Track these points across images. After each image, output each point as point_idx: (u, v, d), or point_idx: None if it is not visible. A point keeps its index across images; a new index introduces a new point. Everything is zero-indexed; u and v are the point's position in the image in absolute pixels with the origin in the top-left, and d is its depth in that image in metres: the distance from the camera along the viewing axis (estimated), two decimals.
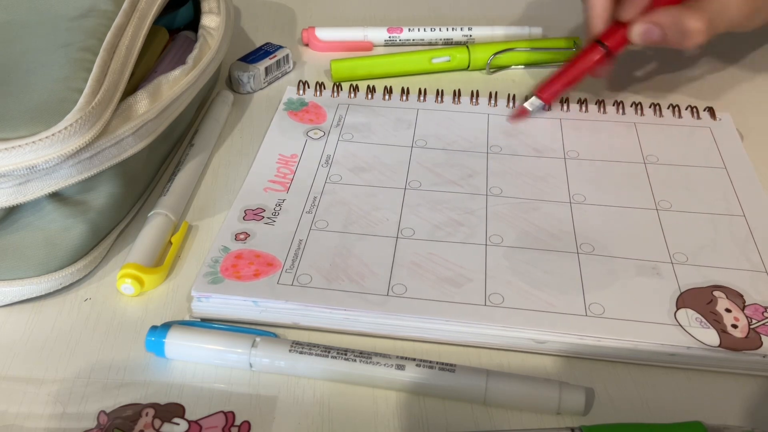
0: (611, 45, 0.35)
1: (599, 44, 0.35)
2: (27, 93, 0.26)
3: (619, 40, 0.35)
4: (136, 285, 0.27)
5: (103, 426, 0.23)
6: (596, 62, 0.35)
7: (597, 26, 0.36)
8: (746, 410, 0.23)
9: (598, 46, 0.35)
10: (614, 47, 0.35)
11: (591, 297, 0.26)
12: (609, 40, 0.35)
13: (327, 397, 0.24)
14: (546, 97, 0.36)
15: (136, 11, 0.31)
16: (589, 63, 0.35)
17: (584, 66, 0.35)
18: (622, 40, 0.35)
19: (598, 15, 0.35)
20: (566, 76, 0.36)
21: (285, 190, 0.32)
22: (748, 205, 0.31)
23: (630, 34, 0.34)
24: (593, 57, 0.35)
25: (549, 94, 0.36)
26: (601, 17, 0.35)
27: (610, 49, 0.35)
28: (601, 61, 0.35)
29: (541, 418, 0.23)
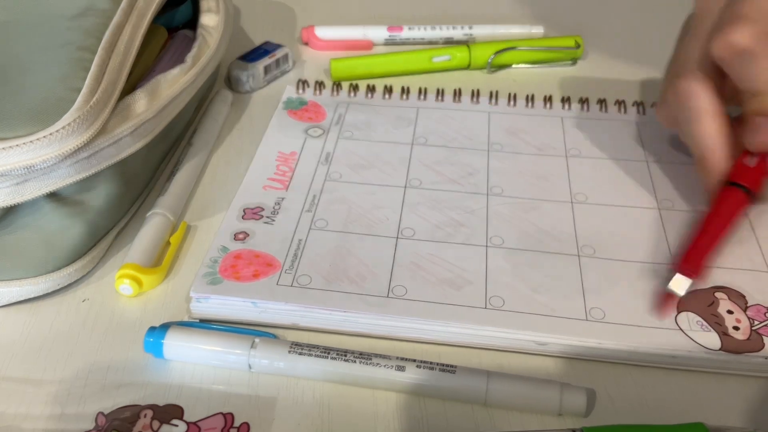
0: (751, 185, 0.27)
1: (736, 186, 0.27)
2: (25, 92, 0.26)
3: (759, 175, 0.28)
4: (135, 285, 0.27)
5: (101, 427, 0.23)
6: (740, 209, 0.27)
7: (720, 165, 0.28)
8: (748, 411, 0.23)
9: (736, 190, 0.27)
10: (755, 186, 0.27)
11: (591, 301, 0.26)
12: (746, 180, 0.27)
13: (327, 398, 0.24)
14: (695, 272, 0.26)
15: (135, 10, 0.31)
16: (731, 213, 0.27)
17: (727, 219, 0.27)
18: (762, 174, 0.28)
19: (718, 150, 0.28)
20: (711, 237, 0.27)
21: (284, 188, 0.32)
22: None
23: None
24: (734, 205, 0.27)
25: (698, 267, 0.26)
26: (724, 153, 0.28)
27: (751, 189, 0.27)
28: (743, 206, 0.28)
29: (543, 420, 0.23)
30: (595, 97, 0.38)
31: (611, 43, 0.44)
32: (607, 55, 0.43)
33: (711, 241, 0.27)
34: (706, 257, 0.27)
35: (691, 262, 0.26)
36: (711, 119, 0.28)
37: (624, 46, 0.44)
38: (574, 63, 0.42)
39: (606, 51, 0.43)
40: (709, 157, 0.28)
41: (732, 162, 0.28)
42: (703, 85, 0.28)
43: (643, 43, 0.44)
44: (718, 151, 0.28)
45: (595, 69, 0.42)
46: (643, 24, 0.46)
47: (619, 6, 0.49)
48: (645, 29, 0.46)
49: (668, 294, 0.26)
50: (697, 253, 0.27)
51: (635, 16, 0.48)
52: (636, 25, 0.46)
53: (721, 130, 0.28)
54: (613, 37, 0.45)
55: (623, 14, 0.48)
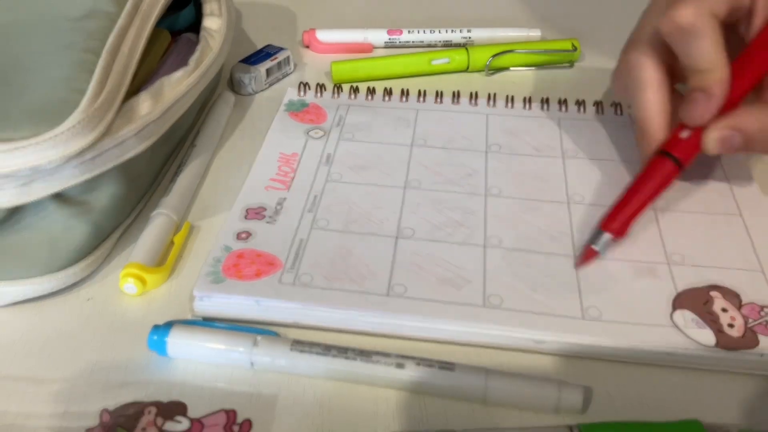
0: (681, 156, 0.28)
1: (666, 156, 0.29)
2: (30, 94, 0.26)
3: (690, 149, 0.28)
4: (139, 284, 0.27)
5: (105, 424, 0.23)
6: (668, 178, 0.29)
7: (657, 134, 0.29)
8: (744, 409, 0.24)
9: (666, 159, 0.28)
10: (685, 158, 0.28)
11: (588, 300, 0.26)
12: (677, 151, 0.28)
13: (327, 395, 0.24)
14: (617, 230, 0.28)
15: (139, 13, 0.31)
16: (660, 181, 0.29)
17: (655, 185, 0.29)
18: (693, 148, 0.28)
19: (656, 120, 0.29)
20: (635, 201, 0.28)
21: (286, 189, 0.32)
22: (744, 204, 0.31)
23: (704, 143, 0.28)
24: (663, 173, 0.29)
25: (619, 226, 0.28)
26: (661, 123, 0.29)
27: (682, 161, 0.28)
28: (672, 176, 0.29)
29: (540, 417, 0.23)
30: (591, 99, 0.38)
31: (608, 46, 0.44)
32: (604, 57, 0.43)
33: (636, 204, 0.28)
34: (630, 220, 0.28)
35: (614, 224, 0.28)
36: (653, 90, 0.29)
37: (620, 48, 0.44)
38: (571, 65, 0.43)
39: (602, 54, 0.44)
40: (647, 125, 0.29)
41: (668, 133, 0.29)
42: (650, 58, 0.30)
43: None
44: (656, 120, 0.29)
45: (592, 71, 0.42)
46: None
47: (615, 9, 0.49)
48: None
49: (590, 250, 0.28)
50: (621, 215, 0.28)
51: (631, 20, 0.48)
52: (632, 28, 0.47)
53: (662, 102, 0.29)
54: (610, 40, 0.45)
55: (619, 17, 0.48)
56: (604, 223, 0.28)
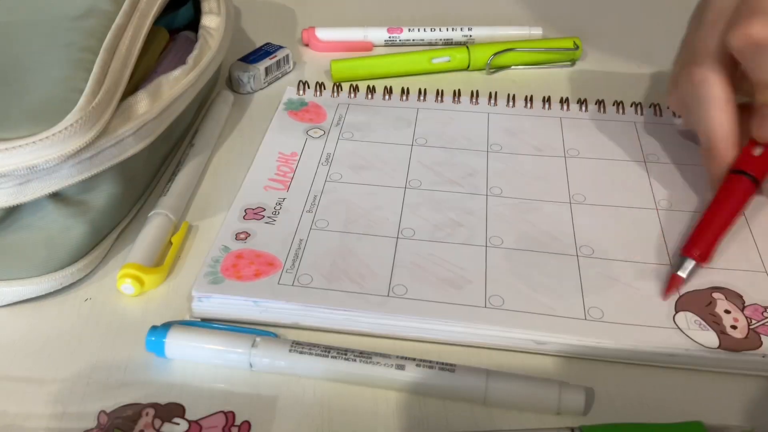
0: (757, 173, 0.28)
1: (743, 175, 0.28)
2: (27, 93, 0.26)
3: (766, 165, 0.28)
4: (137, 285, 0.27)
5: (103, 426, 0.23)
6: (745, 197, 0.28)
7: (728, 153, 0.28)
8: (746, 410, 0.24)
9: (742, 178, 0.28)
10: (761, 175, 0.28)
11: (590, 301, 0.26)
12: (752, 168, 0.28)
13: (327, 397, 0.24)
14: (701, 256, 0.27)
15: (137, 11, 0.31)
16: (739, 201, 0.28)
17: (734, 205, 0.28)
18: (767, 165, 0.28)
19: (727, 138, 0.28)
20: (716, 224, 0.28)
21: (285, 189, 0.32)
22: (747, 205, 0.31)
23: None
24: (741, 193, 0.28)
25: (704, 252, 0.27)
26: (732, 141, 0.28)
27: (757, 177, 0.28)
28: (749, 194, 0.28)
29: (541, 418, 0.23)
30: (593, 98, 0.38)
31: (609, 44, 0.44)
32: (606, 56, 0.43)
33: (717, 227, 0.28)
34: (713, 243, 0.27)
35: (697, 247, 0.27)
36: (722, 108, 0.28)
37: (622, 47, 0.44)
38: (572, 64, 0.43)
39: (604, 52, 0.44)
40: (718, 145, 0.29)
41: (738, 150, 0.29)
42: (718, 74, 0.29)
43: (642, 44, 0.44)
44: (727, 139, 0.28)
45: (594, 70, 0.42)
46: (642, 25, 0.47)
47: (617, 7, 0.49)
48: (643, 30, 0.46)
49: (675, 276, 0.27)
50: (703, 238, 0.27)
51: (633, 18, 0.48)
52: (634, 27, 0.47)
53: (732, 121, 0.28)
54: (612, 38, 0.45)
55: (621, 15, 0.48)
56: (686, 248, 0.27)
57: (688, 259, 0.27)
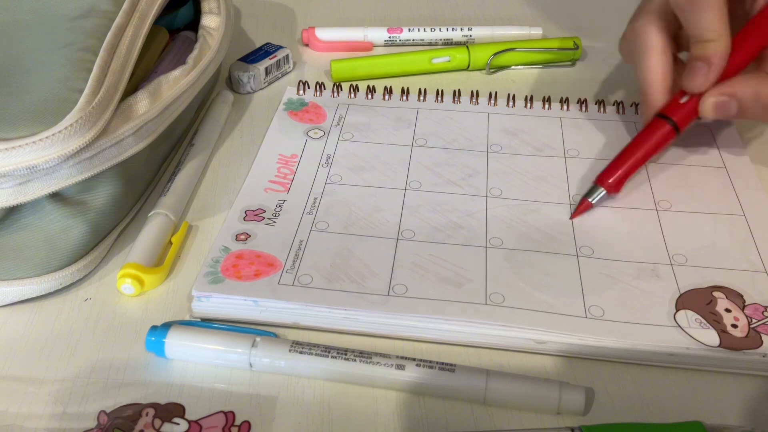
0: (678, 120, 0.30)
1: (664, 119, 0.31)
2: (27, 93, 0.26)
3: (687, 114, 0.30)
4: (137, 285, 0.27)
5: (103, 426, 0.23)
6: (663, 140, 0.31)
7: (657, 98, 0.31)
8: (746, 410, 0.23)
9: (664, 122, 0.30)
10: (682, 123, 0.30)
11: (591, 299, 0.26)
12: (675, 115, 0.30)
13: (327, 397, 0.24)
14: (611, 186, 0.30)
15: (136, 11, 0.31)
16: (656, 142, 0.31)
17: (651, 146, 0.30)
18: (690, 113, 0.30)
19: (657, 85, 0.31)
20: (631, 159, 0.30)
21: (285, 191, 0.32)
22: (747, 204, 0.31)
23: (701, 108, 0.30)
24: (660, 135, 0.30)
25: (614, 182, 0.30)
26: (662, 88, 0.31)
27: (677, 124, 0.30)
28: (668, 139, 0.31)
29: (541, 418, 0.23)
30: (593, 98, 0.38)
31: (610, 45, 0.44)
32: (606, 56, 0.43)
33: (632, 162, 0.30)
34: (625, 176, 0.30)
35: (609, 180, 0.30)
36: (657, 56, 0.31)
37: None
38: (572, 64, 0.43)
39: (604, 52, 0.44)
40: (649, 90, 0.31)
41: (669, 98, 0.31)
42: (656, 25, 0.31)
43: None
44: (657, 85, 0.31)
45: (594, 70, 0.42)
46: None
47: (617, 7, 0.49)
48: None
49: (584, 201, 0.30)
50: (616, 171, 0.30)
51: None
52: None
53: (664, 68, 0.31)
54: (612, 39, 0.45)
55: (622, 15, 0.48)
56: (599, 178, 0.30)
57: (600, 187, 0.30)
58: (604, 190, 0.30)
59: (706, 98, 0.30)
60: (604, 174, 0.30)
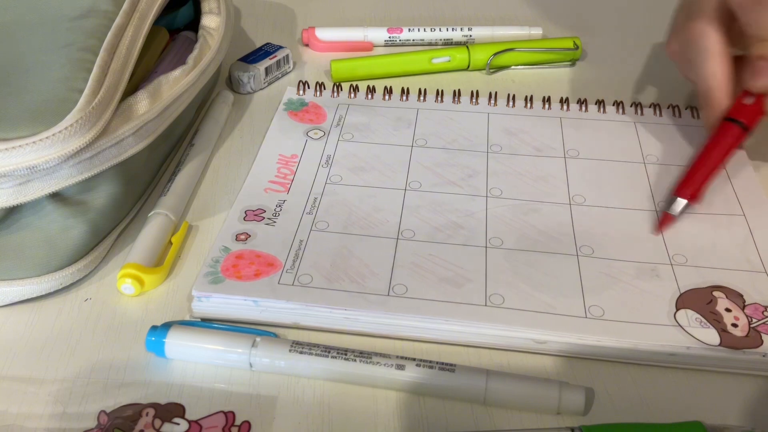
0: (747, 121, 0.31)
1: (733, 122, 0.31)
2: (27, 93, 0.26)
3: (755, 114, 0.31)
4: (137, 285, 0.27)
5: (103, 426, 0.23)
6: (735, 142, 0.31)
7: (722, 102, 0.31)
8: (746, 410, 0.23)
9: (733, 125, 0.31)
10: (751, 123, 0.31)
11: (591, 299, 0.26)
12: (743, 116, 0.31)
13: (327, 397, 0.24)
14: (692, 196, 0.30)
15: (137, 11, 0.31)
16: (728, 146, 0.31)
17: (724, 150, 0.31)
18: (757, 113, 0.31)
19: (720, 88, 0.31)
20: (707, 166, 0.30)
21: (285, 191, 0.32)
22: (747, 205, 0.31)
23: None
24: (731, 139, 0.31)
25: (694, 192, 0.30)
26: (725, 90, 0.31)
27: (747, 125, 0.31)
28: (739, 140, 0.31)
29: (541, 418, 0.23)
30: (593, 98, 0.38)
31: (609, 44, 0.44)
32: (606, 56, 0.43)
33: (707, 169, 0.30)
34: (703, 183, 0.30)
35: (689, 188, 0.30)
36: (718, 60, 0.31)
37: (622, 47, 0.44)
38: (572, 64, 0.43)
39: (604, 52, 0.44)
40: (713, 94, 0.31)
41: (732, 100, 0.31)
42: (716, 27, 0.31)
43: (642, 44, 0.44)
44: (721, 89, 0.31)
45: (594, 70, 0.42)
46: (642, 25, 0.47)
47: (617, 7, 0.49)
48: (643, 30, 0.46)
49: (666, 214, 0.29)
50: (694, 180, 0.30)
51: (633, 18, 0.48)
52: (634, 26, 0.47)
53: (727, 71, 0.31)
54: (612, 39, 0.45)
55: (621, 15, 0.48)
56: (678, 189, 0.30)
57: (679, 198, 0.29)
58: (685, 201, 0.29)
59: None
60: (683, 185, 0.30)
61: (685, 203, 0.29)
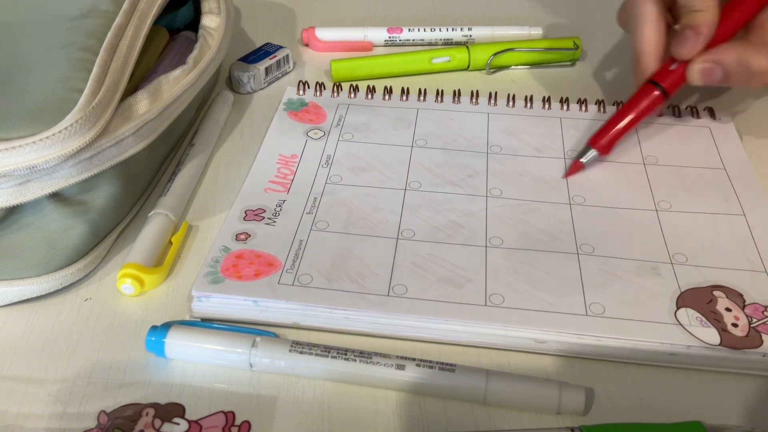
0: (667, 86, 0.32)
1: (654, 85, 0.32)
2: (27, 93, 0.26)
3: (676, 80, 0.32)
4: (137, 285, 0.27)
5: (103, 426, 0.23)
6: (653, 105, 0.33)
7: (649, 65, 0.33)
8: (746, 410, 0.23)
9: (653, 87, 0.32)
10: (671, 88, 0.32)
11: (591, 297, 0.26)
12: (664, 81, 0.32)
13: (327, 397, 0.24)
14: (602, 147, 0.32)
15: (137, 11, 0.31)
16: (645, 106, 0.33)
17: (640, 110, 0.33)
18: (678, 80, 0.32)
19: (649, 53, 0.33)
20: (621, 122, 0.32)
21: (285, 191, 0.32)
22: (747, 205, 0.31)
23: (688, 74, 0.32)
24: (649, 100, 0.33)
25: (605, 144, 0.32)
26: (654, 55, 0.33)
27: (667, 90, 0.32)
28: (657, 103, 0.33)
29: (541, 418, 0.23)
30: (593, 98, 0.38)
31: (609, 45, 0.44)
32: (606, 56, 0.43)
33: (623, 125, 0.33)
34: (615, 138, 0.32)
35: (601, 141, 0.32)
36: (650, 25, 0.33)
37: (622, 47, 0.44)
38: (572, 64, 0.43)
39: (604, 52, 0.44)
40: (641, 57, 0.33)
41: (660, 65, 0.33)
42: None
43: None
44: (650, 52, 0.33)
45: (594, 70, 0.42)
46: None
47: (617, 7, 0.49)
48: None
49: (577, 162, 0.32)
50: (608, 134, 0.32)
51: None
52: None
53: (657, 36, 0.33)
54: (612, 39, 0.45)
55: None
56: (591, 140, 0.32)
57: (592, 149, 0.32)
58: (595, 152, 0.32)
59: (693, 65, 0.32)
60: (596, 136, 0.32)
61: (595, 154, 0.32)
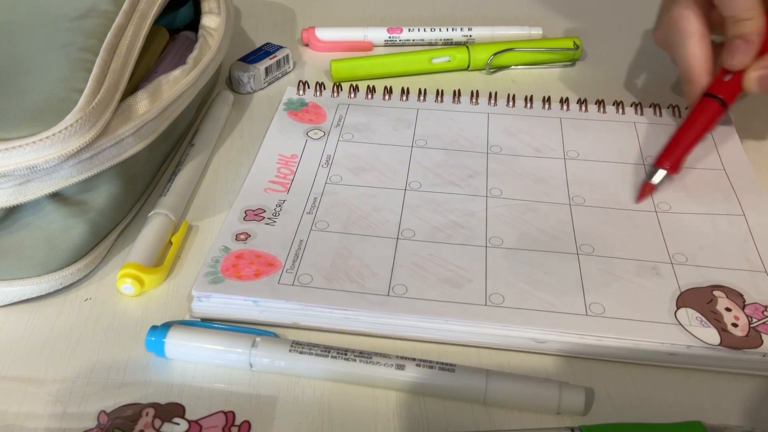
0: (725, 97, 0.32)
1: (712, 98, 0.32)
2: (27, 93, 0.26)
3: (733, 90, 0.32)
4: (137, 285, 0.27)
5: (103, 426, 0.23)
6: (714, 117, 0.32)
7: (702, 80, 0.33)
8: (746, 410, 0.23)
9: (712, 101, 0.32)
10: (729, 99, 0.32)
11: (591, 297, 0.26)
12: (722, 93, 0.32)
13: (327, 396, 0.24)
14: (671, 167, 0.31)
15: (137, 11, 0.31)
16: (707, 119, 0.32)
17: (703, 125, 0.32)
18: (736, 90, 0.32)
19: (700, 67, 0.33)
20: (686, 140, 0.32)
21: (285, 191, 0.32)
22: (747, 205, 0.31)
23: (745, 83, 0.32)
24: (710, 114, 0.32)
25: (674, 163, 0.31)
26: (705, 69, 0.33)
27: (726, 101, 0.32)
28: (718, 115, 0.32)
29: (541, 418, 0.23)
30: (593, 98, 0.38)
31: (610, 45, 0.44)
32: (606, 56, 0.43)
33: (687, 142, 0.32)
34: (682, 156, 0.32)
35: (669, 159, 0.32)
36: (697, 41, 0.33)
37: (622, 47, 0.44)
38: (572, 64, 0.43)
39: (604, 52, 0.44)
40: (693, 72, 0.33)
41: (711, 79, 0.33)
42: (693, 11, 0.33)
43: (642, 44, 0.44)
44: (700, 67, 0.33)
45: (594, 70, 0.42)
46: (641, 25, 0.47)
47: (617, 7, 0.49)
48: (643, 30, 0.46)
49: (647, 184, 0.31)
50: (674, 152, 0.32)
51: (633, 18, 0.48)
52: (634, 26, 0.47)
53: (705, 50, 0.33)
54: (612, 39, 0.45)
55: (621, 15, 0.48)
56: (658, 160, 0.32)
57: (660, 169, 0.31)
58: (664, 171, 0.31)
59: (750, 73, 0.32)
60: (663, 156, 0.32)
61: (664, 173, 0.31)
